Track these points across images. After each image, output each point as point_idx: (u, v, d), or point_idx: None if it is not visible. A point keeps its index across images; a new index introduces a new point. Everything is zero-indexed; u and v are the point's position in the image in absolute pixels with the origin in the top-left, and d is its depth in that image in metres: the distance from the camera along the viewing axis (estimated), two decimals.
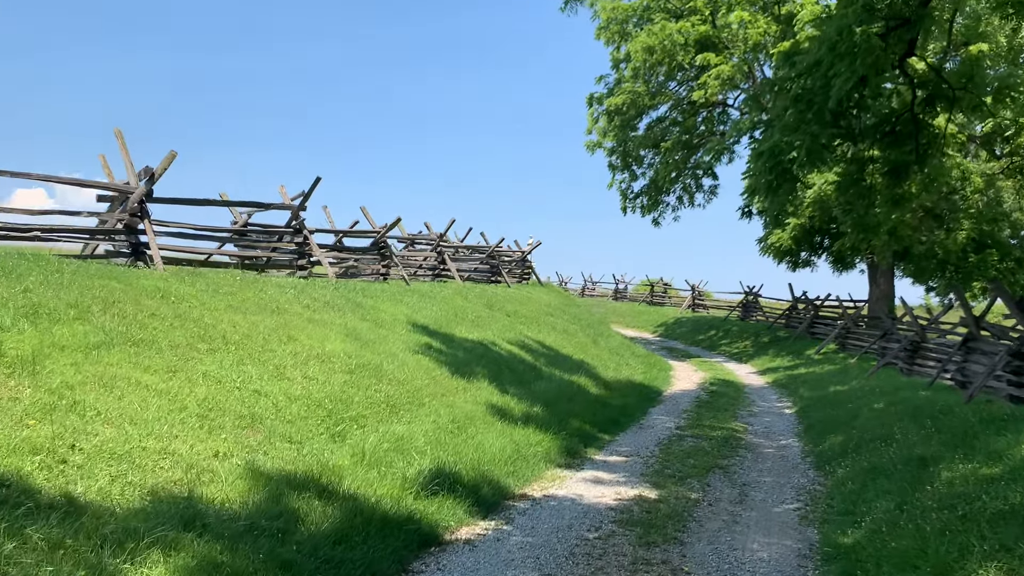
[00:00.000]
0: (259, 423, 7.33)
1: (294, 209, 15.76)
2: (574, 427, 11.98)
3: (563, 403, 13.24)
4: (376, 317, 13.55)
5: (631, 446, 11.69)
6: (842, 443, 11.22)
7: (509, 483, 8.44)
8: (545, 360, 17.09)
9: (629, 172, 33.56)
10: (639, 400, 16.66)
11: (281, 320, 10.78)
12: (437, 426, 9.29)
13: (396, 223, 19.31)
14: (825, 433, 12.75)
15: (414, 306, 16.06)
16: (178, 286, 10.54)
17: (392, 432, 8.47)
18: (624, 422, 13.72)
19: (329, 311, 12.54)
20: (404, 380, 10.33)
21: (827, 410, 15.05)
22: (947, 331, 20.28)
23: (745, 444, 12.48)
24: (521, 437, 10.06)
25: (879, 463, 8.91)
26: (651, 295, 50.73)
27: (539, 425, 10.99)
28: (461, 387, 11.55)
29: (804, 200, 23.44)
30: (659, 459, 10.74)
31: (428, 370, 11.44)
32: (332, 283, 15.32)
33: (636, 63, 27.48)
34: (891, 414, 11.87)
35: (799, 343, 28.13)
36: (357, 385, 9.33)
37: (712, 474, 10.00)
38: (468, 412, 10.43)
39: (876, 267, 28.33)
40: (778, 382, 21.89)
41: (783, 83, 12.55)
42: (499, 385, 12.66)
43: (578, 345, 21.93)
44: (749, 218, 34.40)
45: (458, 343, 14.29)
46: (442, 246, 24.21)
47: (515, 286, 28.65)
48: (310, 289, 13.52)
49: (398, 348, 11.93)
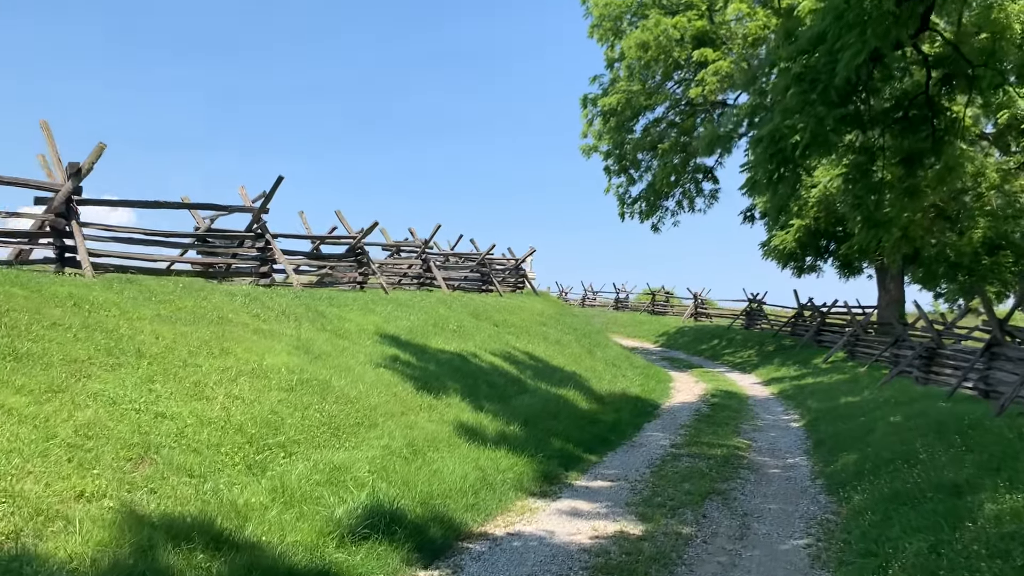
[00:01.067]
0: (153, 453, 6.05)
1: (255, 212, 14.54)
2: (555, 448, 10.67)
3: (546, 420, 11.94)
4: (339, 327, 12.29)
5: (619, 468, 10.37)
6: (857, 462, 9.88)
7: (467, 519, 7.13)
8: (532, 372, 15.80)
9: (626, 176, 32.31)
10: (633, 415, 15.34)
11: (218, 331, 9.52)
12: (388, 451, 8.00)
13: (373, 227, 18.09)
14: (837, 450, 11.41)
15: (387, 316, 14.79)
16: (100, 294, 9.31)
17: (328, 460, 7.18)
18: (614, 440, 12.40)
19: (282, 321, 11.29)
20: (356, 398, 9.04)
21: (838, 424, 13.72)
22: (963, 336, 19.00)
23: (748, 464, 11.16)
24: (489, 461, 8.76)
25: (903, 489, 7.58)
26: (652, 304, 49.38)
27: (514, 446, 9.69)
28: (427, 404, 10.26)
29: (808, 200, 22.16)
30: (650, 484, 9.42)
31: (389, 386, 10.15)
32: (296, 291, 14.08)
33: (630, 60, 26.31)
34: (911, 429, 10.53)
35: (806, 352, 26.78)
36: (294, 405, 8.05)
37: (709, 501, 8.68)
38: (430, 433, 9.14)
39: (885, 271, 27.00)
40: (784, 393, 20.54)
41: (784, 62, 11.30)
42: (473, 401, 11.38)
43: (571, 356, 20.63)
44: (752, 222, 33.15)
45: (431, 355, 13.01)
46: (428, 253, 22.96)
47: (508, 295, 27.37)
48: (266, 297, 12.28)
49: (356, 361, 10.66)
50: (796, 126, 10.58)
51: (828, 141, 10.42)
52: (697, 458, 11.28)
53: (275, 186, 14.32)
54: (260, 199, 14.66)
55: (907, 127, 12.77)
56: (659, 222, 33.06)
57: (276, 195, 14.30)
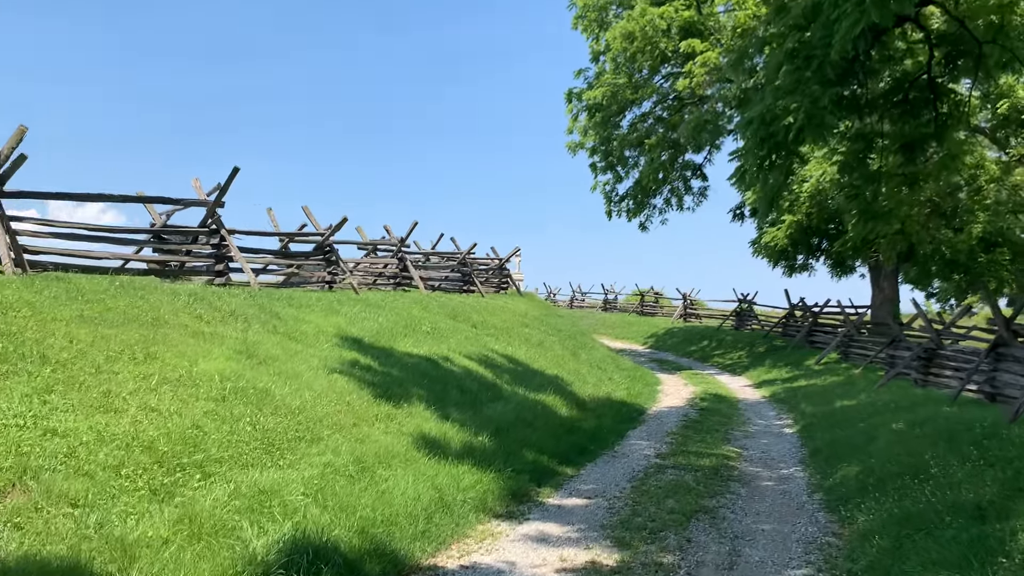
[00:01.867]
0: (30, 479, 5.07)
1: (209, 205, 13.52)
2: (528, 460, 9.72)
3: (520, 429, 10.99)
4: (294, 330, 11.30)
5: (597, 483, 9.42)
6: (858, 476, 8.96)
7: (414, 550, 6.17)
8: (510, 377, 14.84)
9: (613, 173, 31.39)
10: (617, 421, 14.40)
11: (149, 334, 8.53)
12: (331, 469, 7.03)
13: (342, 224, 17.10)
14: (835, 460, 10.50)
15: (352, 317, 13.81)
16: (14, 292, 8.30)
17: (255, 482, 6.20)
18: (594, 450, 11.45)
19: (228, 323, 10.30)
20: (299, 408, 8.06)
21: (835, 430, 12.81)
22: (960, 336, 18.17)
23: (738, 475, 10.24)
24: (450, 479, 7.79)
25: (915, 510, 6.66)
26: (641, 305, 48.51)
27: (480, 460, 8.73)
28: (384, 414, 9.28)
29: (800, 195, 21.30)
30: (630, 501, 8.47)
31: (341, 394, 9.17)
32: (253, 291, 13.08)
33: (615, 52, 25.40)
34: (917, 437, 9.62)
35: (798, 353, 25.92)
36: (222, 417, 7.07)
37: (695, 522, 7.74)
38: (384, 447, 8.17)
39: (880, 269, 26.17)
40: (776, 396, 19.65)
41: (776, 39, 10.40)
42: (440, 409, 10.41)
43: (554, 359, 19.68)
44: (741, 220, 32.33)
45: (397, 359, 12.03)
46: (404, 252, 21.96)
47: (490, 296, 26.42)
48: (215, 297, 11.28)
49: (308, 367, 9.67)
50: (789, 107, 9.67)
51: (824, 123, 9.51)
52: (683, 470, 10.35)
53: (230, 178, 13.33)
54: (215, 192, 13.65)
55: (907, 111, 11.89)
56: (647, 220, 32.16)
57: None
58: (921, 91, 11.67)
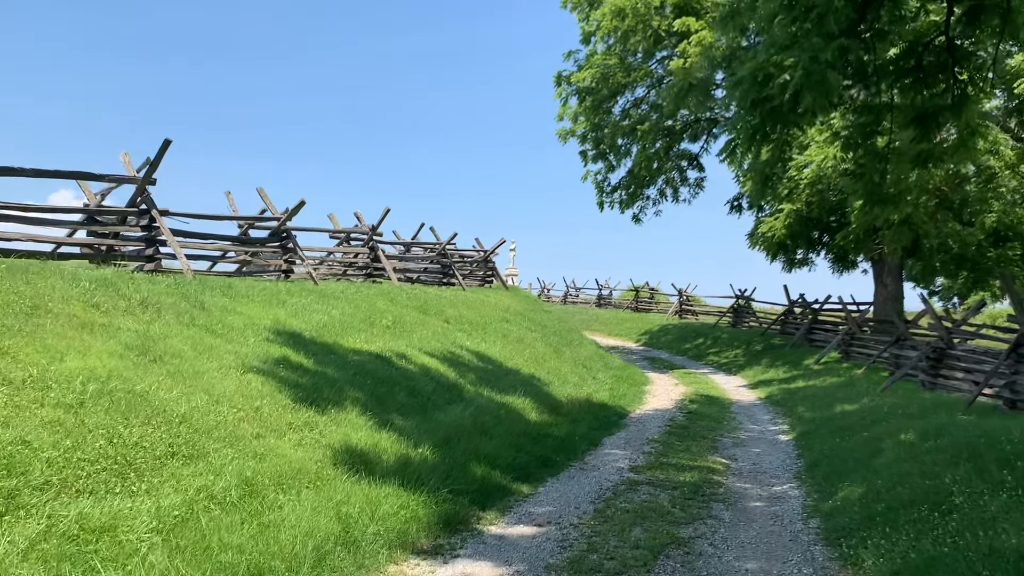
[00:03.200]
0: None
1: (139, 182, 12.08)
2: (475, 476, 8.30)
3: (474, 438, 9.56)
4: (218, 322, 9.87)
5: (555, 504, 8.00)
6: (863, 499, 7.54)
7: None
8: (476, 376, 13.42)
9: (604, 162, 29.96)
10: (594, 427, 12.99)
11: (16, 324, 7.11)
12: (204, 495, 5.61)
13: (299, 207, 15.63)
14: (835, 477, 9.08)
15: (298, 309, 12.38)
16: None
17: (84, 516, 4.78)
18: (560, 462, 10.04)
19: (132, 314, 8.87)
20: (184, 416, 6.63)
21: (835, 439, 11.40)
22: (969, 335, 16.77)
23: (723, 494, 8.82)
24: (363, 505, 6.36)
25: (937, 555, 5.23)
26: (636, 301, 47.05)
27: (413, 479, 7.31)
28: (303, 422, 7.86)
29: (800, 181, 19.84)
30: (588, 530, 7.05)
31: (252, 398, 7.74)
32: (183, 279, 11.65)
33: (606, 30, 23.93)
34: (931, 452, 8.18)
35: (796, 352, 24.50)
36: (68, 429, 5.64)
37: (664, 560, 6.31)
38: (291, 464, 6.74)
39: (883, 263, 24.70)
40: (772, 398, 18.24)
41: None
42: (378, 415, 8.98)
43: (533, 357, 18.26)
44: (739, 212, 30.85)
45: (339, 357, 10.60)
46: (376, 241, 20.52)
47: (473, 290, 24.97)
48: (128, 284, 9.85)
49: (218, 365, 8.24)
50: (785, 63, 8.24)
51: (826, 81, 8.06)
52: (660, 487, 8.93)
53: (161, 151, 11.88)
54: (145, 167, 12.20)
55: (920, 80, 10.43)
56: (640, 212, 30.79)
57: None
58: (937, 55, 10.22)
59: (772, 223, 22.38)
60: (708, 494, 8.76)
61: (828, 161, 18.38)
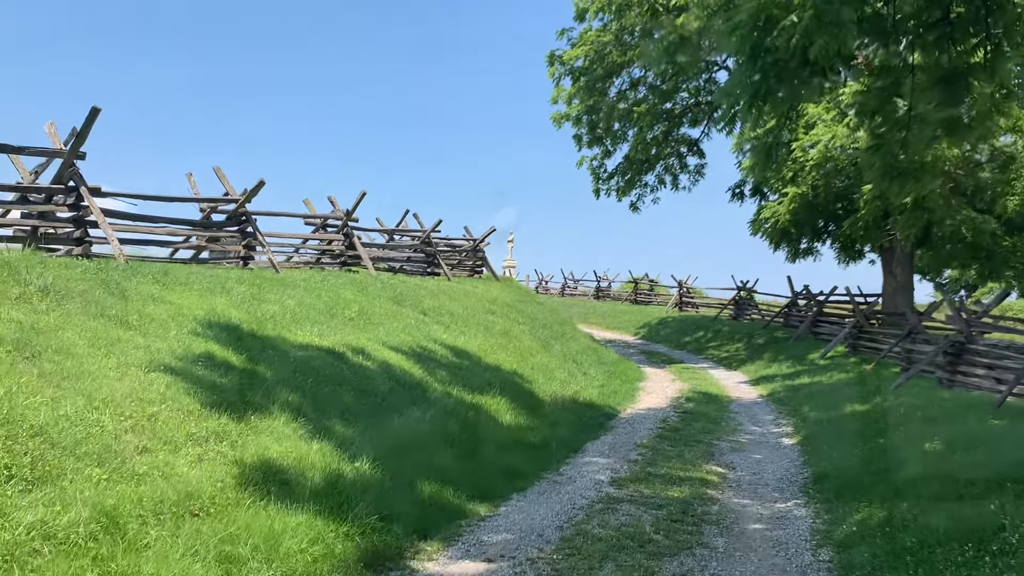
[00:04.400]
0: None
1: (65, 156, 10.76)
2: (423, 496, 6.99)
3: (430, 447, 8.25)
4: (136, 312, 8.55)
5: (514, 530, 6.68)
6: (885, 526, 6.21)
7: None
8: (448, 374, 12.09)
9: (600, 147, 28.51)
10: (577, 430, 11.71)
11: None
12: (37, 534, 4.30)
13: (259, 188, 14.27)
14: (848, 494, 7.77)
15: (245, 298, 11.06)
16: None
17: None
18: (531, 474, 8.73)
19: (29, 302, 7.56)
20: (41, 428, 5.32)
21: (845, 445, 10.10)
22: (987, 327, 15.49)
23: (717, 514, 7.51)
24: (259, 542, 5.05)
25: None
26: (635, 293, 45.66)
27: (338, 503, 6.00)
28: (214, 431, 6.54)
29: (806, 163, 18.44)
30: (547, 568, 5.74)
31: (149, 403, 6.42)
32: (109, 264, 10.34)
33: (601, 3, 22.48)
34: (966, 469, 6.87)
35: (800, 345, 23.14)
36: None
37: None
38: (180, 485, 5.44)
39: (892, 252, 23.27)
40: (775, 395, 16.94)
41: None
42: (313, 421, 7.67)
43: (517, 352, 16.92)
44: (741, 200, 29.33)
45: (279, 353, 9.27)
46: (351, 227, 19.16)
47: (460, 280, 23.61)
48: (31, 269, 8.52)
49: (116, 363, 6.93)
50: (791, 4, 6.89)
51: (840, 21, 6.72)
52: (643, 505, 7.62)
53: (89, 120, 10.54)
54: (72, 139, 10.87)
55: (947, 35, 9.05)
56: (638, 200, 29.35)
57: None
58: (967, 6, 8.84)
59: (776, 208, 20.99)
60: (699, 514, 7.45)
61: (837, 140, 17.01)
